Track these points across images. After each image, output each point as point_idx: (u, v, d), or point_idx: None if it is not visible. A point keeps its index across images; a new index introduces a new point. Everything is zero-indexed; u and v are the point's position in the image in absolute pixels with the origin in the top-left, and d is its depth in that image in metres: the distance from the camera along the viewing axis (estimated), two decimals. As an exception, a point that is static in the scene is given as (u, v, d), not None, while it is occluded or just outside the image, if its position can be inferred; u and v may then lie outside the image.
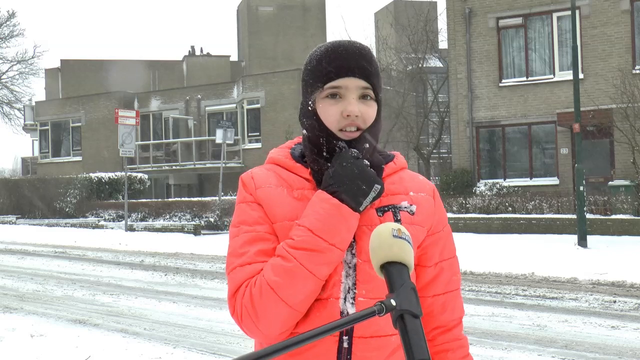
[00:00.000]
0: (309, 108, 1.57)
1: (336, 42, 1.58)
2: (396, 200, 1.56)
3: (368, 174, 1.47)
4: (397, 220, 1.52)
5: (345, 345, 1.47)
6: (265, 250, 1.49)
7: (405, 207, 1.55)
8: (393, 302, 1.10)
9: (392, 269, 1.17)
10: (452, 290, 1.64)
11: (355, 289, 1.48)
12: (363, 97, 1.54)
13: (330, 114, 1.53)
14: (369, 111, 1.54)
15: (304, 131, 1.60)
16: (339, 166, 1.48)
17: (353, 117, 1.51)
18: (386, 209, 1.54)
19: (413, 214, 1.55)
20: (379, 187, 1.47)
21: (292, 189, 1.55)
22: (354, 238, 1.50)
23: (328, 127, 1.53)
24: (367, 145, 1.53)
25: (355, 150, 1.50)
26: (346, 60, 1.53)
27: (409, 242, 1.20)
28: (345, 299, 1.48)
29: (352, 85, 1.52)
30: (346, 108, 1.51)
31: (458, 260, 1.69)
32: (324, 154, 1.54)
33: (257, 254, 1.49)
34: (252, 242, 1.51)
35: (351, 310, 1.47)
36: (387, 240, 1.19)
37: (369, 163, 1.50)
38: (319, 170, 1.54)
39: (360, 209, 1.47)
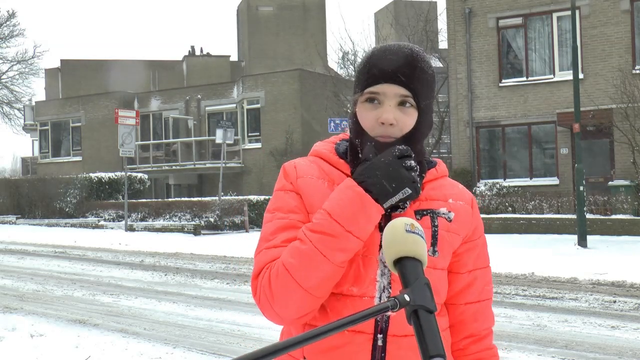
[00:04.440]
0: (349, 110, 1.59)
1: (385, 45, 1.55)
2: (435, 205, 1.55)
3: (402, 174, 1.42)
4: (435, 226, 1.52)
5: (380, 343, 1.47)
6: (295, 238, 1.49)
7: (444, 214, 1.54)
8: (407, 298, 1.08)
9: (405, 264, 1.16)
10: (484, 300, 1.64)
11: (390, 288, 1.48)
12: (402, 103, 1.51)
13: (366, 118, 1.52)
14: (407, 119, 1.51)
15: (349, 130, 1.61)
16: (376, 159, 1.45)
17: (387, 125, 1.49)
18: (425, 213, 1.53)
19: (450, 220, 1.54)
20: (410, 191, 1.43)
21: (333, 183, 1.54)
22: None
23: (366, 130, 1.53)
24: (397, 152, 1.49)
25: (401, 147, 1.45)
26: (387, 66, 1.50)
27: (422, 237, 1.19)
28: (380, 298, 1.48)
29: (390, 92, 1.50)
30: (382, 115, 1.50)
31: (491, 270, 1.69)
32: (359, 155, 1.53)
33: (284, 240, 1.49)
34: (283, 229, 1.51)
35: None
36: (401, 235, 1.18)
37: (409, 164, 1.44)
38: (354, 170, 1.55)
39: (384, 205, 1.44)
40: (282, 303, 1.44)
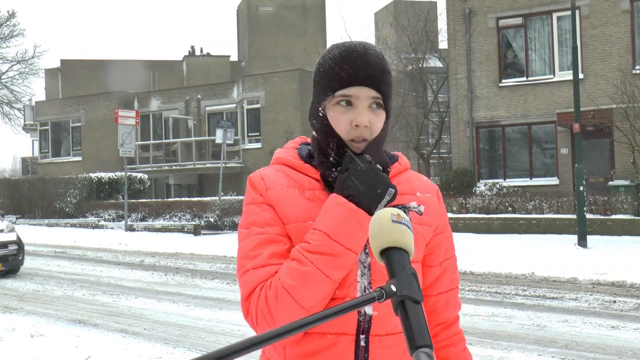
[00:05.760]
0: (320, 113, 1.56)
1: (350, 46, 1.54)
2: (405, 200, 1.56)
3: (382, 178, 1.46)
4: None
5: (362, 343, 1.48)
6: (278, 253, 1.49)
7: (414, 208, 1.55)
8: (393, 288, 1.07)
9: (392, 255, 1.15)
10: (453, 289, 1.70)
11: (370, 288, 1.50)
12: (373, 105, 1.53)
13: (340, 122, 1.53)
14: (377, 121, 1.54)
15: (314, 133, 1.60)
16: (354, 170, 1.47)
17: (362, 127, 1.51)
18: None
19: (421, 214, 1.56)
20: (393, 190, 1.46)
21: (304, 190, 1.55)
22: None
23: (339, 133, 1.54)
24: (369, 158, 1.53)
25: (368, 155, 1.50)
26: (359, 69, 1.51)
27: (408, 227, 1.19)
28: None
29: (363, 95, 1.51)
30: (356, 118, 1.51)
31: (457, 259, 1.74)
32: (331, 158, 1.54)
33: (270, 256, 1.48)
34: (264, 244, 1.50)
35: (368, 309, 1.49)
36: (387, 225, 1.17)
37: (381, 168, 1.51)
38: (327, 173, 1.55)
39: (375, 212, 1.47)
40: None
